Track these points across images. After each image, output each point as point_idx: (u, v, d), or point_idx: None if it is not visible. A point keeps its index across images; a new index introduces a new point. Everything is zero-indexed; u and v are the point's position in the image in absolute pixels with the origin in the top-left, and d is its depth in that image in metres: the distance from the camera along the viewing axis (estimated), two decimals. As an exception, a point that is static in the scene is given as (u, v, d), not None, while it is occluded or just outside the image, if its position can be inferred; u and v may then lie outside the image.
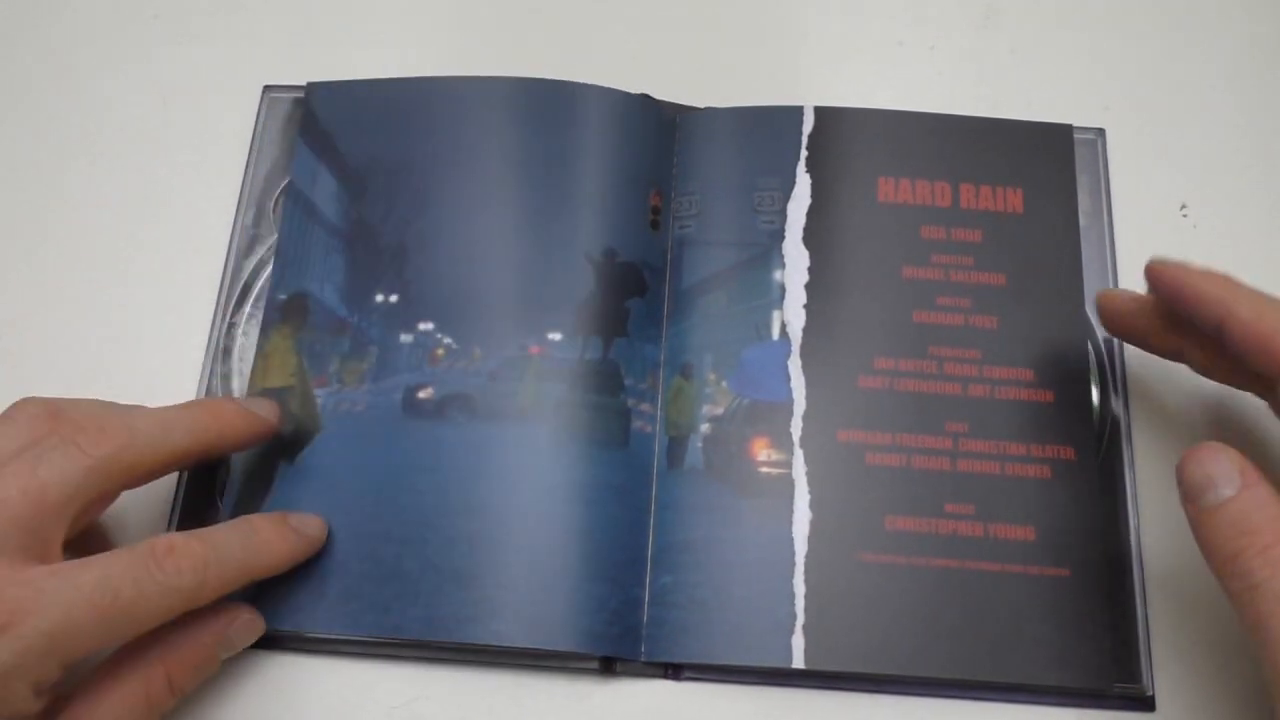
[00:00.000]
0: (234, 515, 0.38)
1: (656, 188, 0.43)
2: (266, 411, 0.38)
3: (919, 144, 0.43)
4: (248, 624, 0.36)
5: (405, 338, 0.41)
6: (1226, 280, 0.34)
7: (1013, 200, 0.42)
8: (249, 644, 0.36)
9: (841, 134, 0.44)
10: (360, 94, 0.44)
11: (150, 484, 0.37)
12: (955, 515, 0.38)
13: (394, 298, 0.41)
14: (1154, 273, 0.35)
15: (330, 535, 0.38)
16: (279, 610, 0.37)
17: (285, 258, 0.42)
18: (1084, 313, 0.41)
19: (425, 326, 0.41)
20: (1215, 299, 0.33)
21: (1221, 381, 0.37)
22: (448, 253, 0.42)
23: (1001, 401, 0.40)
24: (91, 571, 0.30)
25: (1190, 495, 0.32)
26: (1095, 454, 0.39)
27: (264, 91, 0.46)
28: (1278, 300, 0.33)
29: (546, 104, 0.43)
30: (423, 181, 0.43)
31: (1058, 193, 0.43)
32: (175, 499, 0.39)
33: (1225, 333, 0.33)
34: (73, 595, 0.30)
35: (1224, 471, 0.31)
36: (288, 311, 0.41)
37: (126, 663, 0.33)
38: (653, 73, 0.46)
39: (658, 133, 0.44)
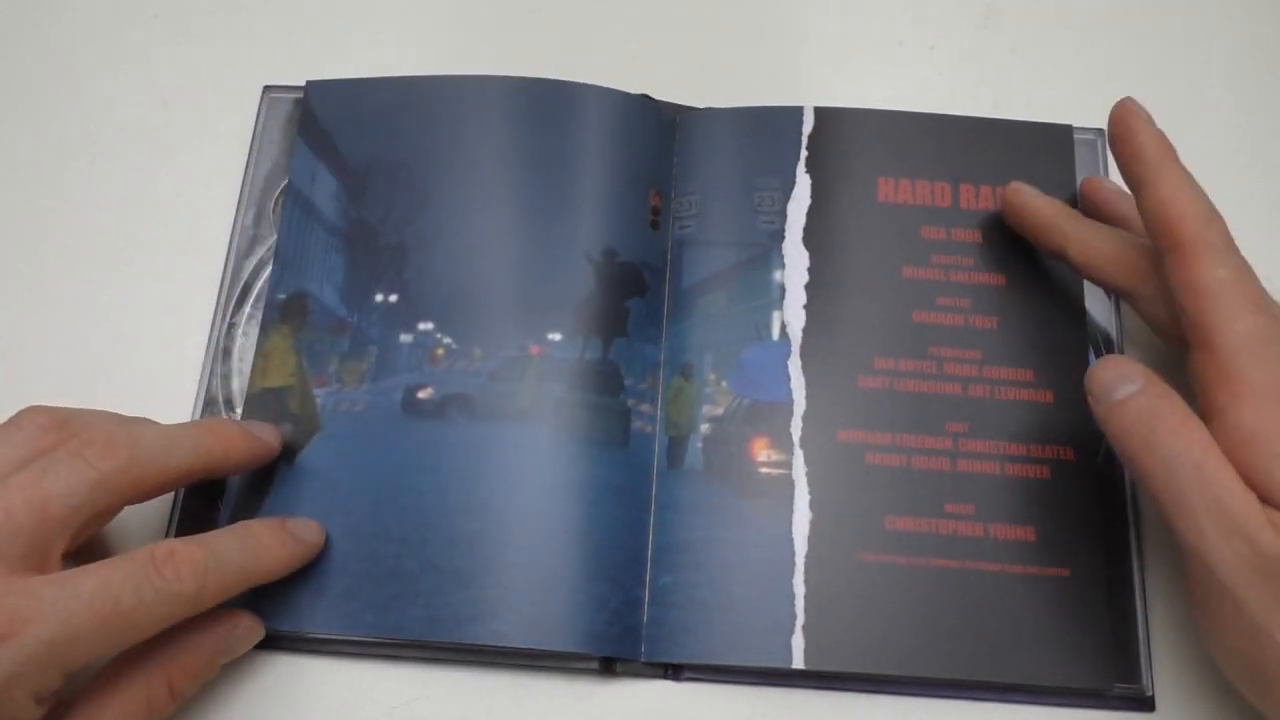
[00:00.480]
0: (234, 516, 0.38)
1: (656, 188, 0.43)
2: (268, 435, 0.38)
3: (919, 144, 0.43)
4: (248, 630, 0.36)
5: (405, 337, 0.41)
6: (1169, 152, 0.36)
7: None
8: (248, 649, 0.36)
9: (841, 134, 0.44)
10: (360, 93, 0.44)
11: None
12: (955, 515, 0.38)
13: (394, 297, 0.41)
14: (1122, 110, 0.37)
15: (330, 535, 0.38)
16: (279, 610, 0.37)
17: (284, 258, 0.42)
18: (1084, 312, 0.41)
19: (425, 326, 0.41)
20: (1150, 160, 0.36)
21: (1094, 279, 0.39)
22: (447, 253, 0.42)
23: (1001, 402, 0.40)
24: (92, 579, 0.30)
25: (1099, 396, 0.34)
26: (1095, 454, 0.39)
27: (264, 92, 0.46)
28: (1199, 188, 0.35)
29: (546, 104, 0.43)
30: (422, 181, 0.43)
31: (1058, 192, 0.42)
32: (175, 500, 0.39)
33: (1140, 194, 0.36)
34: (73, 603, 0.30)
35: (1128, 373, 0.33)
36: (287, 311, 0.41)
37: (127, 669, 0.33)
38: (653, 73, 0.46)
39: (658, 133, 0.44)
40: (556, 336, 0.40)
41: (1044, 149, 0.43)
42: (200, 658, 0.34)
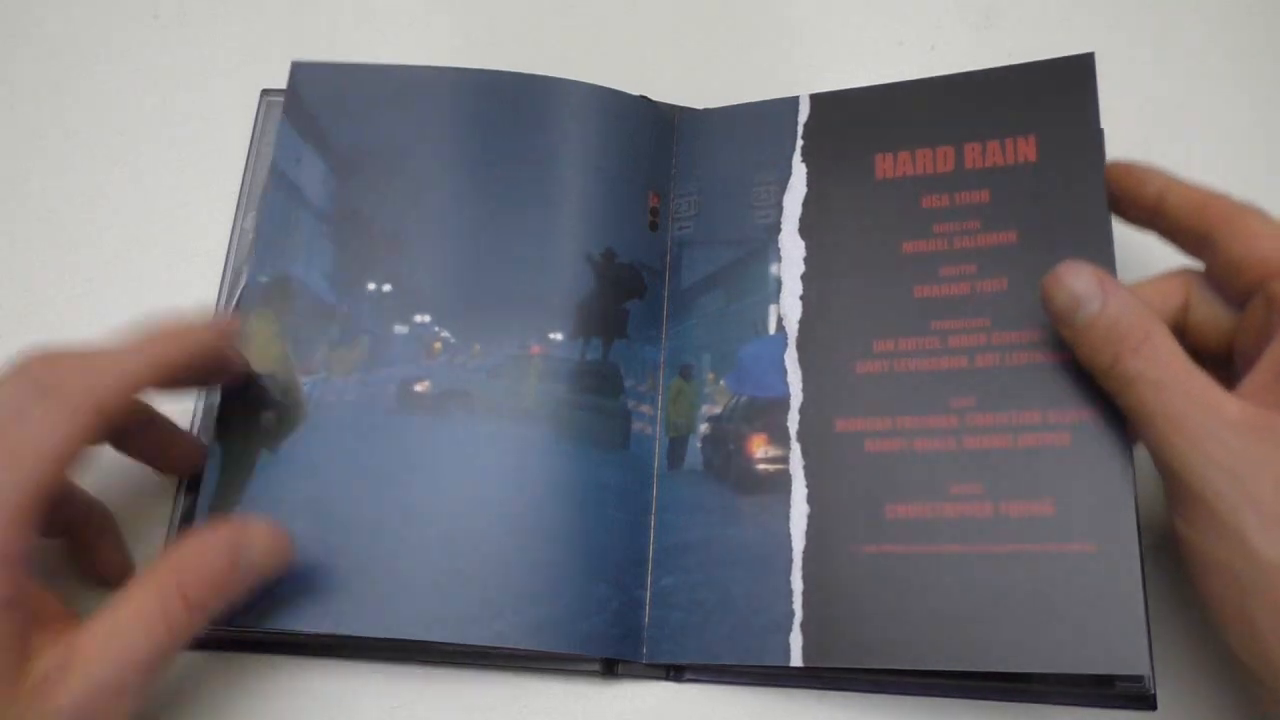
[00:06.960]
0: (213, 505, 0.37)
1: (655, 188, 0.43)
2: (226, 325, 0.37)
3: (917, 113, 0.41)
4: (264, 536, 0.34)
5: (400, 328, 0.40)
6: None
7: (1024, 149, 0.39)
8: (274, 565, 0.35)
9: (837, 118, 0.42)
10: (348, 78, 0.43)
11: (150, 489, 0.38)
12: (961, 496, 0.36)
13: (387, 287, 0.41)
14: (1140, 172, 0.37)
15: (318, 531, 0.37)
16: (274, 611, 0.36)
17: (267, 238, 0.41)
18: (1112, 257, 0.37)
19: (422, 319, 0.40)
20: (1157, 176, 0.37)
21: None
22: (445, 248, 0.41)
23: (1013, 368, 0.37)
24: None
25: (1062, 318, 0.34)
26: (1118, 412, 0.35)
27: (262, 95, 0.46)
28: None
29: (547, 104, 0.43)
30: (416, 172, 0.42)
31: (1077, 129, 0.39)
32: (175, 502, 0.39)
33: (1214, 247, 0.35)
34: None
35: (1086, 287, 0.34)
36: (270, 294, 0.40)
37: (137, 584, 0.31)
38: (653, 73, 0.46)
39: (656, 133, 0.44)
40: (558, 337, 0.40)
41: (1058, 87, 0.40)
42: (211, 562, 0.33)
